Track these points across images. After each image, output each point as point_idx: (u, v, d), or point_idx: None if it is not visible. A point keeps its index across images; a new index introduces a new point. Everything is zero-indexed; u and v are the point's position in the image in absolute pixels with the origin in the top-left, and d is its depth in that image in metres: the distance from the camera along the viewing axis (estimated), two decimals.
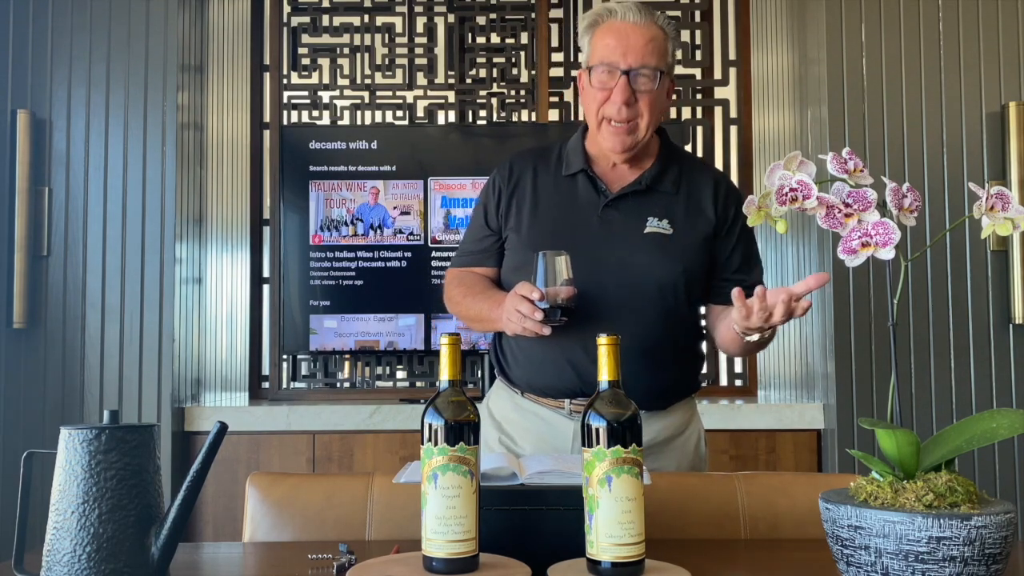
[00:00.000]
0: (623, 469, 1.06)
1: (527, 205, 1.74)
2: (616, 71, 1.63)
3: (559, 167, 1.75)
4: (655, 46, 1.64)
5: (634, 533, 1.06)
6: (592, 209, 1.70)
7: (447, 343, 1.14)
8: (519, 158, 1.80)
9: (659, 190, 1.71)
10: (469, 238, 1.83)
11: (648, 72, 1.63)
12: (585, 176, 1.72)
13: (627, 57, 1.62)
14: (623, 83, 1.62)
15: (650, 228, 1.69)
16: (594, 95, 1.66)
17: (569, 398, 1.69)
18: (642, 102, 1.64)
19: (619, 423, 1.07)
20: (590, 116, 1.70)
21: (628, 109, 1.63)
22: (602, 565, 1.06)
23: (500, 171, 1.79)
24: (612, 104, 1.63)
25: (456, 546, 1.07)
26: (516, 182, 1.76)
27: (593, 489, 1.07)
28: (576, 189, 1.73)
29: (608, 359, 1.11)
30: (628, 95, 1.62)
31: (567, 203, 1.72)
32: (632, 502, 1.06)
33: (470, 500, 1.08)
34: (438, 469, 1.08)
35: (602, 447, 1.07)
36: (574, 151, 1.75)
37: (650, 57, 1.63)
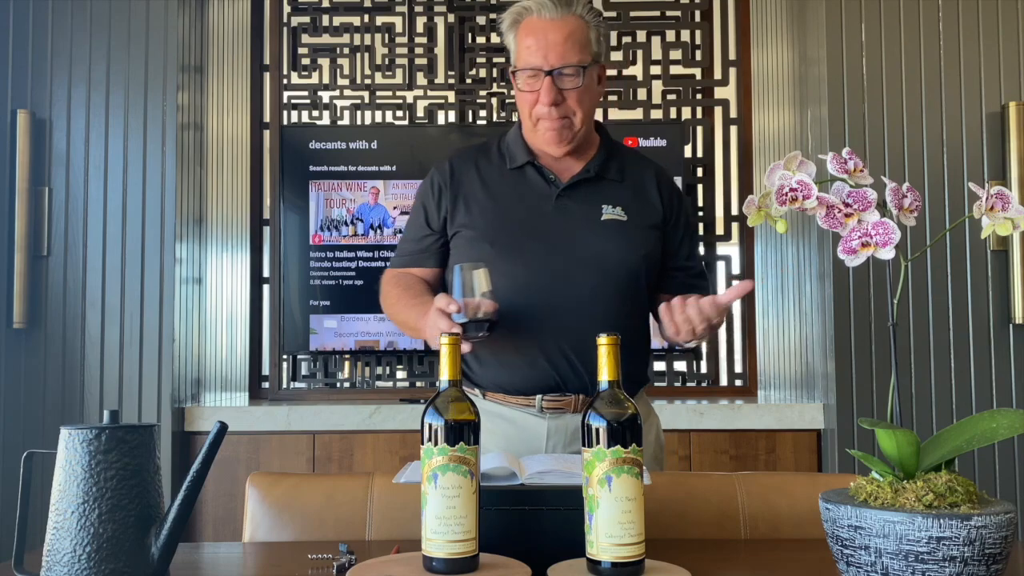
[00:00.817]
0: (623, 469, 1.06)
1: (477, 200, 1.72)
2: (539, 73, 1.62)
3: (502, 161, 1.75)
4: (575, 41, 1.63)
5: (634, 533, 1.06)
6: (546, 199, 1.70)
7: (447, 343, 1.14)
8: (458, 156, 1.79)
9: (607, 178, 1.73)
10: (408, 238, 1.81)
11: (571, 70, 1.62)
12: (532, 168, 1.72)
13: (548, 58, 1.61)
14: (547, 84, 1.61)
15: (606, 215, 1.70)
16: (523, 98, 1.67)
17: (541, 394, 1.67)
18: (570, 99, 1.64)
19: (619, 423, 1.08)
20: (523, 116, 1.70)
21: (557, 109, 1.63)
22: (602, 565, 1.06)
23: (438, 170, 1.77)
24: (541, 106, 1.64)
25: (456, 546, 1.07)
26: (459, 179, 1.74)
27: (593, 489, 1.07)
28: (526, 181, 1.72)
29: (608, 359, 1.11)
30: (554, 95, 1.62)
31: (519, 195, 1.71)
32: (632, 502, 1.06)
33: (470, 500, 1.08)
34: (438, 469, 1.08)
35: (602, 447, 1.07)
36: (516, 145, 1.75)
37: (571, 54, 1.62)
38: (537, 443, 1.67)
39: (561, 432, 1.67)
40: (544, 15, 1.63)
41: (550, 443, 1.67)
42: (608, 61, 1.73)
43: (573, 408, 1.67)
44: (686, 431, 2.75)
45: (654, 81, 3.25)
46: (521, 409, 1.68)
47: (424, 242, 1.77)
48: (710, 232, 3.23)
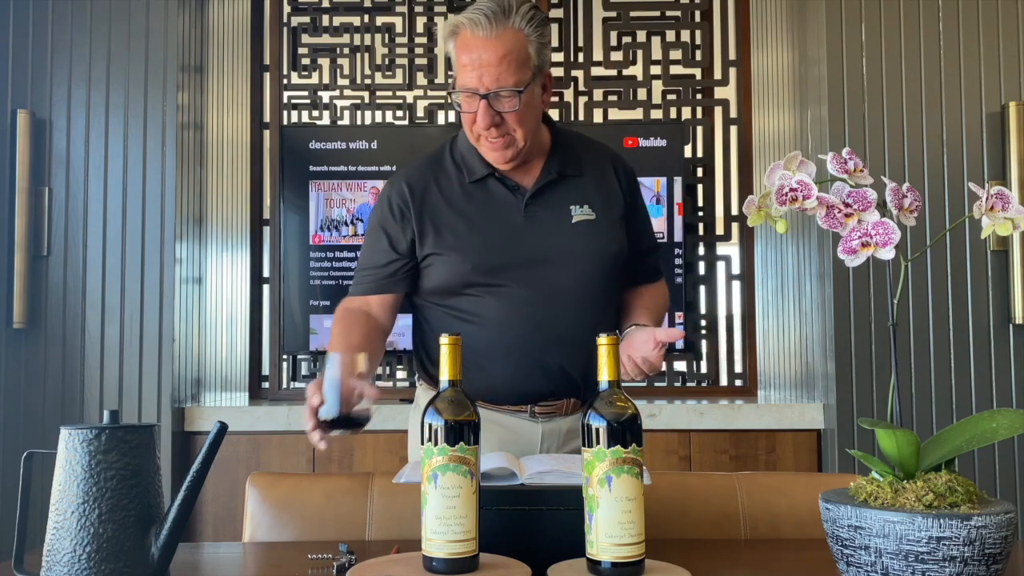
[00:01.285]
0: (623, 469, 1.07)
1: (446, 221, 1.64)
2: (475, 96, 1.54)
3: (461, 174, 1.67)
4: (510, 61, 1.53)
5: (634, 533, 1.06)
6: (515, 210, 1.65)
7: (447, 343, 1.14)
8: (411, 172, 1.70)
9: (568, 175, 1.68)
10: (371, 265, 1.69)
11: (508, 92, 1.53)
12: (494, 179, 1.66)
13: (483, 80, 1.53)
14: (484, 108, 1.54)
15: (576, 216, 1.66)
16: (463, 116, 1.60)
17: (534, 403, 1.65)
18: (509, 120, 1.56)
19: (619, 423, 1.08)
20: (467, 132, 1.63)
21: (497, 129, 1.57)
22: (602, 565, 1.06)
23: (396, 192, 1.67)
24: (479, 126, 1.57)
25: (456, 546, 1.07)
26: (420, 200, 1.66)
27: (593, 489, 1.07)
28: (490, 193, 1.66)
29: (608, 359, 1.11)
30: (491, 117, 1.55)
31: (487, 209, 1.65)
32: (632, 502, 1.06)
33: (470, 500, 1.08)
34: (438, 469, 1.08)
35: (602, 447, 1.07)
36: (471, 156, 1.67)
37: (507, 76, 1.52)
38: (531, 447, 1.65)
39: (555, 435, 1.67)
40: (478, 33, 1.53)
41: (544, 446, 1.66)
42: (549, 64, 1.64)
43: (564, 411, 1.67)
44: (686, 431, 2.75)
45: (654, 81, 3.25)
46: (513, 414, 1.66)
47: (391, 267, 1.68)
48: (710, 232, 3.23)
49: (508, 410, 1.66)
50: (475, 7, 1.55)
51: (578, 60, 3.28)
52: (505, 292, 1.62)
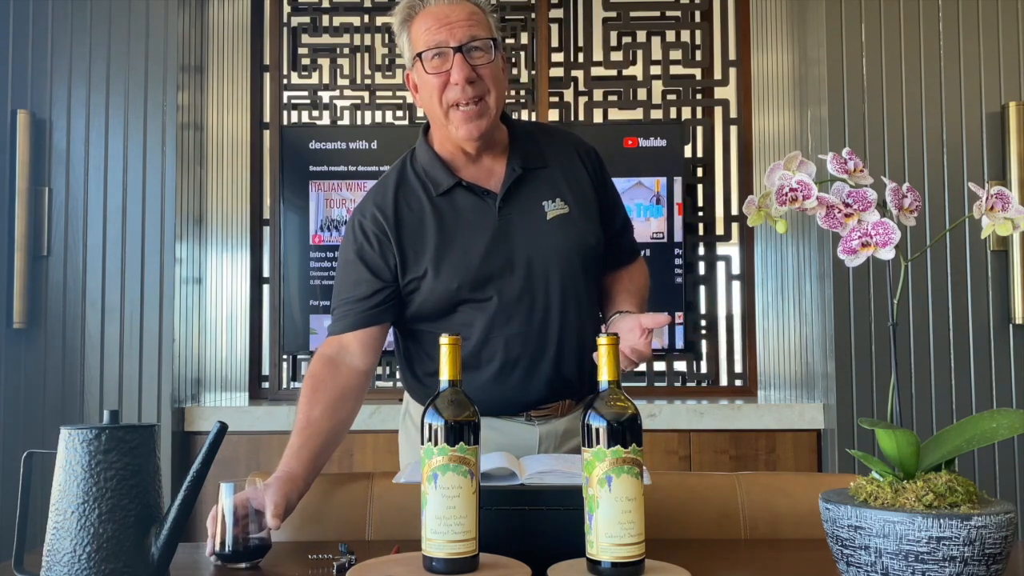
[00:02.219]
0: (623, 469, 1.07)
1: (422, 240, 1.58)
2: (448, 51, 1.50)
3: (426, 190, 1.60)
4: (478, 19, 1.53)
5: (634, 533, 1.06)
6: (488, 216, 1.59)
7: (447, 343, 1.14)
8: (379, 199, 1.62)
9: (533, 168, 1.63)
10: (352, 297, 1.61)
11: (481, 43, 1.51)
12: (461, 188, 1.60)
13: (455, 33, 1.50)
14: (459, 60, 1.49)
15: (551, 212, 1.61)
16: (431, 84, 1.52)
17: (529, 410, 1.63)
18: (485, 76, 1.52)
19: (619, 423, 1.08)
20: (434, 109, 1.55)
21: (472, 87, 1.50)
22: (602, 565, 1.06)
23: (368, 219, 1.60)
24: (453, 87, 1.51)
25: (456, 546, 1.07)
26: (396, 222, 1.59)
27: (593, 489, 1.07)
28: (459, 203, 1.60)
29: (608, 359, 1.11)
30: (468, 71, 1.50)
31: (461, 221, 1.59)
32: (632, 502, 1.06)
33: (470, 500, 1.08)
34: (438, 469, 1.08)
35: (602, 447, 1.07)
36: (432, 166, 1.61)
37: (478, 29, 1.52)
38: (530, 450, 1.62)
39: (552, 436, 1.65)
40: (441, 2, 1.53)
41: (542, 447, 1.64)
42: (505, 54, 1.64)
43: (560, 412, 1.65)
44: (686, 431, 2.75)
45: (654, 81, 3.25)
46: (509, 420, 1.64)
47: (376, 298, 1.60)
48: (710, 232, 3.23)
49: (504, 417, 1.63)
50: None
51: (578, 60, 3.28)
52: (491, 304, 1.58)
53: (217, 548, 1.23)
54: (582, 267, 1.63)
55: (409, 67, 1.59)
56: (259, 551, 1.24)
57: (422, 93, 1.57)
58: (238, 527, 1.23)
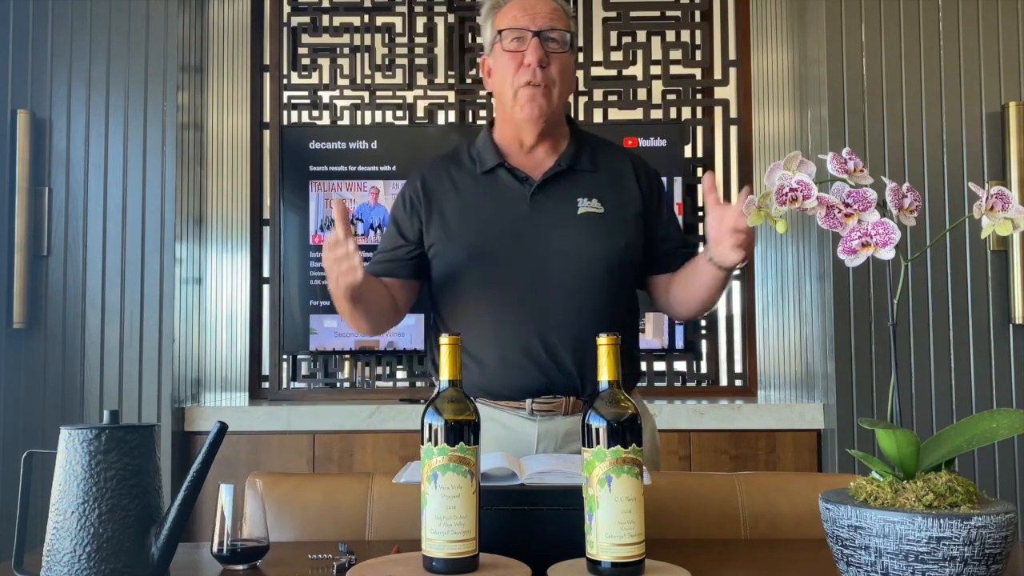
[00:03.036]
0: (623, 469, 1.06)
1: (451, 208, 1.70)
2: (527, 33, 1.63)
3: (473, 166, 1.73)
4: (560, 15, 1.67)
5: (634, 533, 1.06)
6: (520, 199, 1.68)
7: (447, 343, 1.14)
8: (428, 167, 1.77)
9: (579, 169, 1.71)
10: (381, 249, 1.78)
11: (558, 35, 1.64)
12: (503, 169, 1.70)
13: (536, 20, 1.64)
14: (535, 43, 1.62)
15: (582, 208, 1.67)
16: (505, 64, 1.65)
17: (532, 397, 1.64)
18: (554, 66, 1.64)
19: (619, 423, 1.08)
20: (504, 88, 1.67)
21: (542, 72, 1.63)
22: (602, 565, 1.06)
23: (410, 183, 1.76)
24: (526, 69, 1.63)
25: (456, 546, 1.07)
26: (431, 191, 1.72)
27: (593, 489, 1.07)
28: (498, 183, 1.70)
29: (608, 359, 1.11)
30: (541, 55, 1.62)
31: (493, 198, 1.69)
32: (632, 502, 1.06)
33: (470, 500, 1.08)
34: (438, 469, 1.08)
35: (602, 447, 1.07)
36: (485, 147, 1.73)
37: (558, 21, 1.65)
38: (527, 447, 1.64)
39: (552, 436, 1.64)
40: None
41: (540, 446, 1.64)
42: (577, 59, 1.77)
43: (564, 410, 1.64)
44: (686, 431, 2.75)
45: (654, 81, 3.25)
46: (511, 412, 1.66)
47: (397, 252, 1.74)
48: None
49: (506, 406, 1.65)
50: None
51: (578, 60, 3.28)
52: (500, 281, 1.64)
53: (215, 550, 1.23)
54: (605, 265, 1.66)
55: (487, 52, 1.72)
56: (258, 552, 1.24)
57: (495, 75, 1.70)
58: None
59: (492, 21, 1.70)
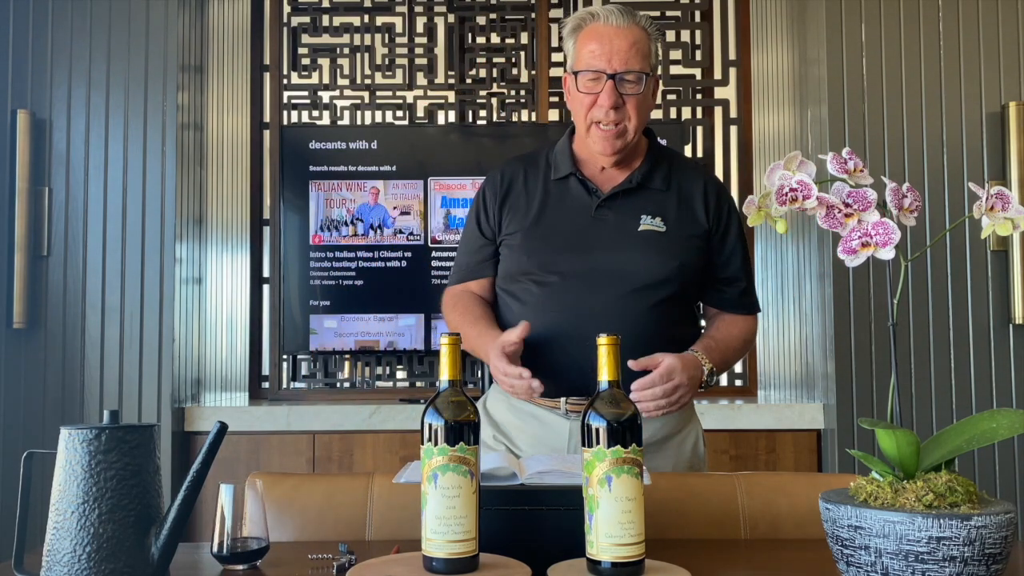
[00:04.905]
0: (623, 469, 1.06)
1: (521, 210, 1.74)
2: (602, 76, 1.63)
3: (548, 171, 1.76)
4: (638, 49, 1.65)
5: (634, 533, 1.06)
6: (585, 210, 1.71)
7: (447, 343, 1.13)
8: (508, 165, 1.81)
9: (650, 187, 1.72)
10: (465, 251, 1.82)
11: (633, 76, 1.64)
12: (575, 179, 1.73)
13: (612, 62, 1.63)
14: (610, 87, 1.63)
15: (644, 226, 1.69)
16: (581, 100, 1.67)
17: (565, 396, 1.67)
18: (629, 105, 1.65)
19: (619, 423, 1.07)
20: (578, 120, 1.70)
21: (616, 112, 1.64)
22: (602, 565, 1.06)
23: (491, 179, 1.80)
24: (599, 108, 1.64)
25: (456, 546, 1.07)
26: (508, 188, 1.76)
27: (593, 489, 1.07)
28: (567, 192, 1.73)
29: (608, 359, 1.11)
30: (615, 99, 1.63)
31: (560, 206, 1.72)
32: (632, 502, 1.06)
33: (470, 500, 1.08)
34: (438, 469, 1.08)
35: (602, 447, 1.07)
36: (562, 155, 1.76)
37: (635, 61, 1.64)
38: (560, 442, 1.68)
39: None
40: (611, 21, 1.65)
41: (571, 443, 1.68)
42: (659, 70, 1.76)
43: None
44: None
45: None
46: (548, 410, 1.70)
47: (481, 253, 1.78)
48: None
49: (543, 404, 1.69)
50: (603, 7, 1.68)
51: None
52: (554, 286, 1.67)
53: (215, 550, 1.23)
54: (657, 283, 1.67)
55: (568, 71, 1.73)
56: (258, 552, 1.24)
57: (572, 103, 1.71)
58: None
59: (574, 43, 1.70)
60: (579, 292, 1.66)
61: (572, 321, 1.64)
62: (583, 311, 1.65)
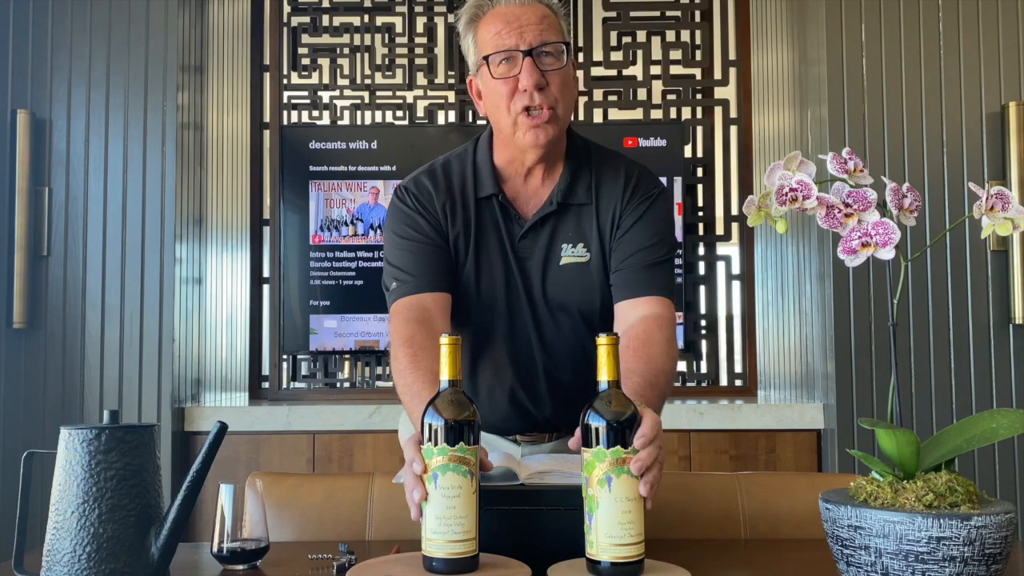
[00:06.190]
0: (623, 469, 1.06)
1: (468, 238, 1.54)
2: (517, 55, 1.43)
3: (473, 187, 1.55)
4: (550, 23, 1.46)
5: (634, 533, 1.06)
6: (510, 241, 1.54)
7: (447, 343, 1.13)
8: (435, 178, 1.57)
9: (572, 203, 1.54)
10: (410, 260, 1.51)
11: (551, 48, 1.44)
12: (497, 202, 1.54)
13: (524, 36, 1.43)
14: (528, 64, 1.42)
15: (565, 258, 1.53)
16: (498, 90, 1.45)
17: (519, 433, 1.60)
18: (554, 84, 1.44)
19: (619, 423, 1.07)
20: (500, 116, 1.47)
21: (540, 94, 1.43)
22: (601, 565, 1.06)
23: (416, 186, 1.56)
24: (522, 94, 1.43)
25: (456, 546, 1.07)
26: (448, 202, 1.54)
27: (593, 489, 1.07)
28: (491, 216, 1.55)
29: (608, 359, 1.11)
30: (538, 77, 1.42)
31: (489, 235, 1.55)
32: (632, 502, 1.06)
33: (470, 500, 1.08)
34: (438, 469, 1.08)
35: (602, 447, 1.07)
36: (484, 168, 1.55)
37: (549, 33, 1.44)
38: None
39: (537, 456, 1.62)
40: (512, 1, 1.46)
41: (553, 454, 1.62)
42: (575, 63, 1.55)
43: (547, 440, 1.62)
44: (686, 431, 2.75)
45: (654, 81, 3.25)
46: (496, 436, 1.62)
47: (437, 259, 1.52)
48: (710, 232, 3.23)
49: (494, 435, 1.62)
50: None
51: (578, 60, 3.28)
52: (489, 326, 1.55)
53: (215, 550, 1.23)
54: (584, 320, 1.54)
55: (473, 72, 1.52)
56: (258, 552, 1.24)
57: (487, 100, 1.50)
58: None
59: (473, 36, 1.49)
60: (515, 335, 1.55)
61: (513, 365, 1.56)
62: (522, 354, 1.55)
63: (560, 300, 1.54)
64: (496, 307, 1.54)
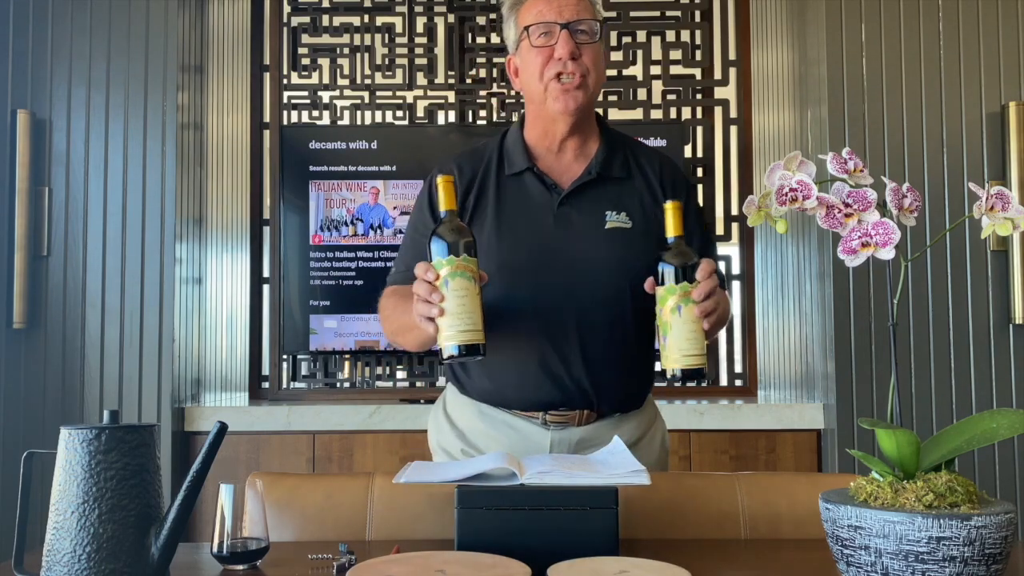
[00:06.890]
0: (689, 300, 1.41)
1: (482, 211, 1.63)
2: (555, 28, 1.57)
3: (500, 168, 1.65)
4: (587, 5, 1.60)
5: (698, 347, 1.42)
6: (547, 209, 1.61)
7: (442, 181, 1.40)
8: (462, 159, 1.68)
9: (610, 177, 1.64)
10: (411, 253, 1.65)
11: (587, 26, 1.58)
12: (532, 174, 1.63)
13: (563, 13, 1.57)
14: (565, 36, 1.56)
15: (609, 223, 1.61)
16: (534, 60, 1.59)
17: (545, 410, 1.61)
18: (586, 56, 1.58)
19: (684, 268, 1.41)
20: (533, 83, 1.60)
21: (574, 63, 1.56)
22: (676, 371, 1.42)
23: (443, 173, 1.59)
24: (557, 61, 1.57)
25: (467, 335, 1.34)
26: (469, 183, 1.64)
27: (666, 316, 1.41)
28: (525, 189, 1.63)
29: (673, 219, 1.44)
30: (572, 47, 1.56)
31: (519, 205, 1.62)
32: (696, 323, 1.41)
33: (475, 299, 1.36)
34: (448, 276, 1.35)
35: (672, 284, 1.41)
36: (515, 147, 1.66)
37: (585, 11, 1.59)
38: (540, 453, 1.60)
39: (565, 443, 1.62)
40: None
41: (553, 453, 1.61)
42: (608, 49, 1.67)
43: (577, 422, 1.61)
44: (686, 431, 2.75)
45: (654, 81, 3.25)
46: (525, 419, 1.63)
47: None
48: (710, 232, 3.23)
49: (519, 414, 1.63)
50: None
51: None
52: (523, 294, 1.58)
53: (215, 550, 1.23)
54: (629, 285, 1.57)
55: (512, 51, 1.66)
56: (258, 552, 1.24)
57: (523, 71, 1.63)
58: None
59: (515, 18, 1.63)
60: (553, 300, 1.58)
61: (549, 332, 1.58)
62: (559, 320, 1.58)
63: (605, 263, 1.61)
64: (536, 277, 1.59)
